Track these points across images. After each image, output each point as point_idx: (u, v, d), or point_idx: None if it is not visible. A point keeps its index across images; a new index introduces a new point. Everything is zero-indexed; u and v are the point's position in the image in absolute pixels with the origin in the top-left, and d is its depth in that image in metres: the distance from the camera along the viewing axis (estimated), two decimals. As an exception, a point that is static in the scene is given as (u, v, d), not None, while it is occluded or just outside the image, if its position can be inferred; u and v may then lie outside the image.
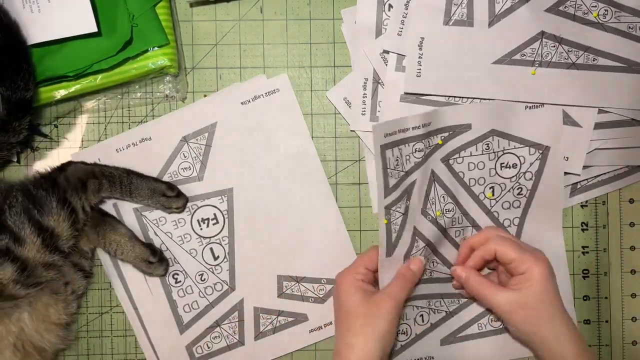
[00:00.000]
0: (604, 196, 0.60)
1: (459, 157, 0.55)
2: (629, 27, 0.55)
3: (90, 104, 0.58)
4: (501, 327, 0.58)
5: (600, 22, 0.54)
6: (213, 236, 0.58)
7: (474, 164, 0.56)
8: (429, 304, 0.57)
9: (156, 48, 0.55)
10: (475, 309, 0.58)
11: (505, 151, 0.56)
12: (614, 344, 0.60)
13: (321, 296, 0.59)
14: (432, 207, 0.55)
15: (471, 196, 0.56)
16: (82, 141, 0.59)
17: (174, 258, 0.58)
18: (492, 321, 0.58)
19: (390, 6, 0.56)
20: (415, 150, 0.54)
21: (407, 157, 0.54)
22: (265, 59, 0.59)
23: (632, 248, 0.60)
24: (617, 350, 0.60)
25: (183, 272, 0.58)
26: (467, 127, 0.55)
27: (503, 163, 0.56)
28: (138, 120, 0.59)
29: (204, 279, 0.58)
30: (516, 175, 0.56)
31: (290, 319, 0.59)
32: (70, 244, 0.52)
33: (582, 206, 0.60)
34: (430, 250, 0.56)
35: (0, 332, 0.50)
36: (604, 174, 0.58)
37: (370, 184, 0.59)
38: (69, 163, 0.56)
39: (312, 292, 0.59)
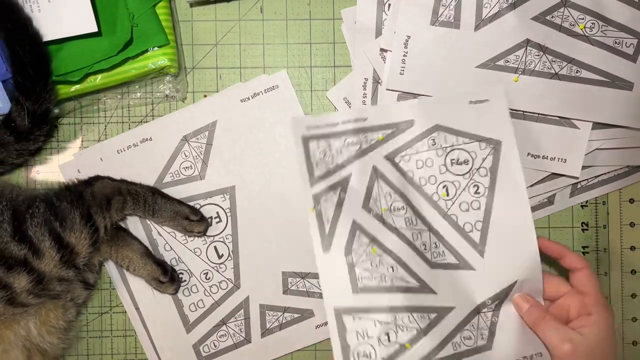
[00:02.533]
0: (604, 196, 0.60)
1: (406, 154, 0.54)
2: (615, 42, 0.54)
3: (90, 104, 0.58)
4: (475, 345, 0.51)
5: (587, 34, 0.54)
6: (217, 234, 0.58)
7: (422, 161, 0.54)
8: (395, 320, 0.51)
9: (156, 48, 0.55)
10: (448, 325, 0.51)
11: (454, 147, 0.53)
12: (614, 344, 0.60)
13: None
14: (375, 203, 0.53)
15: (424, 197, 0.53)
16: (82, 141, 0.59)
17: (178, 257, 0.58)
18: (464, 339, 0.51)
19: (390, 6, 0.57)
20: (348, 144, 0.53)
21: (339, 150, 0.53)
22: (265, 59, 0.59)
23: (632, 248, 0.60)
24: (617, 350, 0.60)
25: (188, 271, 0.58)
26: (409, 123, 0.54)
27: (453, 159, 0.53)
28: (138, 120, 0.59)
29: (209, 278, 0.58)
30: (469, 171, 0.53)
31: (296, 315, 0.59)
32: (86, 261, 0.52)
33: (582, 206, 0.60)
34: (381, 251, 0.52)
35: (9, 337, 0.50)
36: (604, 174, 0.59)
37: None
38: (97, 178, 0.55)
39: (317, 288, 0.58)
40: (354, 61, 0.58)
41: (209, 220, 0.58)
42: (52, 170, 0.59)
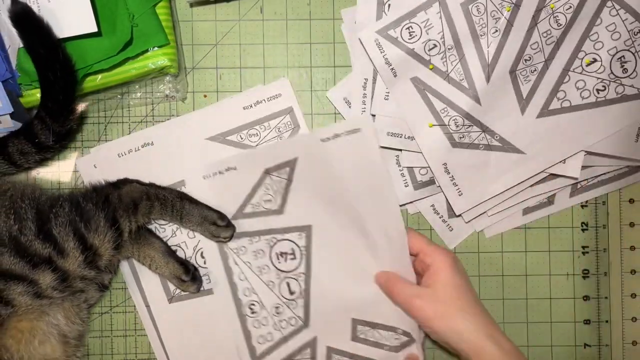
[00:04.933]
0: (604, 196, 0.60)
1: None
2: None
3: (90, 104, 0.58)
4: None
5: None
6: (290, 271, 0.57)
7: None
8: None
9: (156, 48, 0.55)
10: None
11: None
12: (614, 344, 0.60)
13: (397, 345, 0.57)
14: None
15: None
16: (82, 141, 0.59)
17: (252, 288, 0.57)
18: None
19: (390, 6, 0.57)
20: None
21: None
22: (265, 59, 0.59)
23: (632, 248, 0.60)
24: (617, 350, 0.60)
25: (259, 302, 0.57)
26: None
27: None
28: (138, 120, 0.59)
29: (280, 312, 0.57)
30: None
31: None
32: (107, 262, 0.52)
33: (582, 206, 0.60)
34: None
35: (42, 328, 0.51)
36: (604, 174, 0.59)
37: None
38: (125, 181, 0.55)
39: (386, 340, 0.57)
40: (354, 61, 0.58)
41: (285, 256, 0.57)
42: (51, 170, 0.59)
